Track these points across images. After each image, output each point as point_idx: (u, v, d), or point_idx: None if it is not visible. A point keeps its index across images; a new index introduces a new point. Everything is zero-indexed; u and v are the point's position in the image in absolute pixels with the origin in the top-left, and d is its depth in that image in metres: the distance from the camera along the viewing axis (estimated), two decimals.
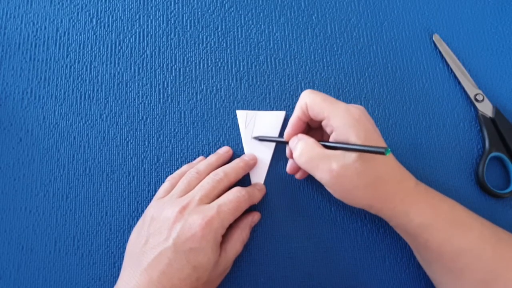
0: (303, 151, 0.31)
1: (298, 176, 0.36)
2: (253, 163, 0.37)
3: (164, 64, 0.40)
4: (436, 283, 0.33)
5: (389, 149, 0.26)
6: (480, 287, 0.29)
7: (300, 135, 0.33)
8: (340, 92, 0.40)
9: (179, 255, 0.29)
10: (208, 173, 0.34)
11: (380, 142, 0.31)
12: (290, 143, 0.34)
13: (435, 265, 0.32)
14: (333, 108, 0.30)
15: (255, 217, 0.36)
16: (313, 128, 0.36)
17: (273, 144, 0.38)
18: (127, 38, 0.41)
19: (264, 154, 0.38)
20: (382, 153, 0.26)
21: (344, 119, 0.30)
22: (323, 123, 0.32)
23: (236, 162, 0.36)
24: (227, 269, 0.33)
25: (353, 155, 0.29)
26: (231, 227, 0.34)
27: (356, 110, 0.30)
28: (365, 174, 0.29)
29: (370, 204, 0.31)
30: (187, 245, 0.29)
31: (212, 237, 0.30)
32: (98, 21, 0.41)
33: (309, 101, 0.32)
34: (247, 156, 0.37)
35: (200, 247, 0.29)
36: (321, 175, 0.30)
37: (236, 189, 0.33)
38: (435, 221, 0.30)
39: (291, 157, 0.35)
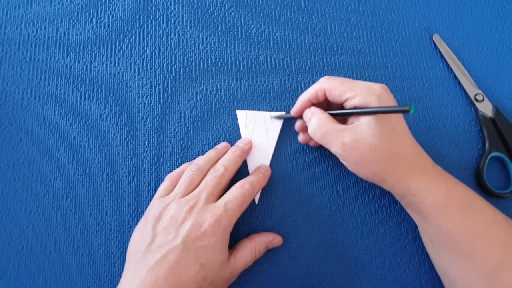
0: (317, 127, 0.32)
1: (311, 144, 0.38)
2: (248, 148, 0.37)
3: (164, 64, 0.40)
4: (444, 270, 0.33)
5: (413, 106, 0.25)
6: (491, 271, 0.29)
7: (314, 109, 0.33)
8: None
9: (188, 253, 0.29)
10: (208, 168, 0.34)
11: (401, 118, 0.31)
12: (304, 115, 0.34)
13: (446, 248, 0.31)
14: (353, 87, 0.31)
15: (275, 240, 0.35)
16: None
17: (273, 145, 0.38)
18: (127, 38, 0.41)
19: (263, 155, 0.38)
20: (407, 111, 0.25)
21: (365, 96, 0.30)
22: (344, 104, 0.32)
23: (232, 152, 0.36)
24: (233, 277, 0.33)
25: (366, 130, 0.29)
26: (247, 238, 0.34)
27: (377, 87, 0.31)
28: (379, 149, 0.30)
29: (384, 179, 0.31)
30: (196, 243, 0.29)
31: (221, 235, 0.30)
32: (98, 21, 0.41)
33: (328, 86, 0.32)
34: (242, 142, 0.37)
35: (209, 244, 0.30)
36: (335, 149, 0.31)
37: (240, 184, 0.33)
38: (450, 202, 0.31)
39: (300, 130, 0.37)
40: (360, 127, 0.30)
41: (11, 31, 0.40)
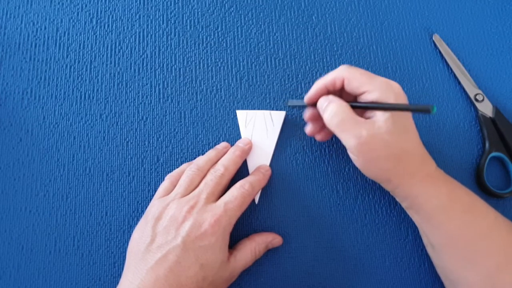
0: (335, 113, 0.31)
1: (318, 138, 0.36)
2: (248, 148, 0.37)
3: (164, 64, 0.40)
4: (445, 272, 0.33)
5: (435, 106, 0.24)
6: (492, 273, 0.29)
7: (331, 97, 0.32)
8: None
9: (187, 253, 0.29)
10: (208, 168, 0.34)
11: (411, 118, 0.31)
12: (318, 103, 0.33)
13: (447, 250, 0.31)
14: (373, 81, 0.31)
15: (275, 240, 0.35)
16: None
17: (273, 145, 0.38)
18: (127, 38, 0.41)
19: (263, 155, 0.38)
20: (428, 111, 0.24)
21: (384, 91, 0.30)
22: (361, 97, 0.31)
23: (232, 152, 0.36)
24: (233, 277, 0.33)
25: (383, 127, 0.29)
26: (247, 238, 0.34)
27: (397, 85, 0.31)
28: (392, 146, 0.30)
29: (389, 178, 0.31)
30: (196, 243, 0.29)
31: (221, 235, 0.30)
32: (98, 21, 0.41)
33: (348, 75, 0.32)
34: (242, 142, 0.37)
35: (209, 244, 0.30)
36: (349, 139, 0.30)
37: (240, 184, 0.33)
38: (452, 205, 0.31)
39: (310, 119, 0.35)
40: (378, 123, 0.30)
41: (11, 31, 0.40)
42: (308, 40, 0.42)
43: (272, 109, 0.40)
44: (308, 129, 0.36)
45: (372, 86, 0.30)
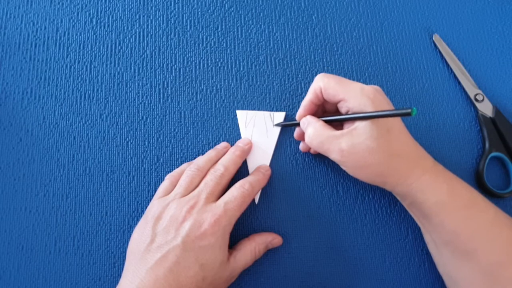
0: (313, 136, 0.32)
1: (312, 152, 0.38)
2: (248, 148, 0.37)
3: (164, 64, 0.40)
4: (447, 269, 0.33)
5: (415, 108, 0.25)
6: (493, 270, 0.29)
7: (309, 118, 0.34)
8: None
9: (187, 253, 0.29)
10: (208, 168, 0.34)
11: (398, 118, 0.31)
12: (301, 124, 0.35)
13: (448, 247, 0.31)
14: (347, 89, 0.31)
15: (275, 240, 0.35)
16: (329, 112, 0.36)
17: (273, 145, 0.38)
18: (127, 38, 0.41)
19: (263, 155, 0.38)
20: (408, 114, 0.24)
21: (359, 99, 0.30)
22: (338, 105, 0.32)
23: (232, 152, 0.36)
24: (233, 278, 0.33)
25: (362, 134, 0.29)
26: (247, 238, 0.34)
27: (371, 89, 0.31)
28: (377, 151, 0.29)
29: (384, 181, 0.31)
30: (196, 243, 0.29)
31: (221, 235, 0.30)
32: (98, 21, 0.41)
33: (323, 84, 0.32)
34: (242, 142, 0.37)
35: (209, 244, 0.30)
36: (333, 155, 0.31)
37: (240, 184, 0.33)
38: (452, 201, 0.30)
39: (299, 138, 0.37)
40: (356, 131, 0.30)
41: (11, 31, 0.40)
42: (308, 40, 0.42)
43: (272, 109, 0.40)
44: (301, 146, 0.38)
45: (347, 95, 0.31)
